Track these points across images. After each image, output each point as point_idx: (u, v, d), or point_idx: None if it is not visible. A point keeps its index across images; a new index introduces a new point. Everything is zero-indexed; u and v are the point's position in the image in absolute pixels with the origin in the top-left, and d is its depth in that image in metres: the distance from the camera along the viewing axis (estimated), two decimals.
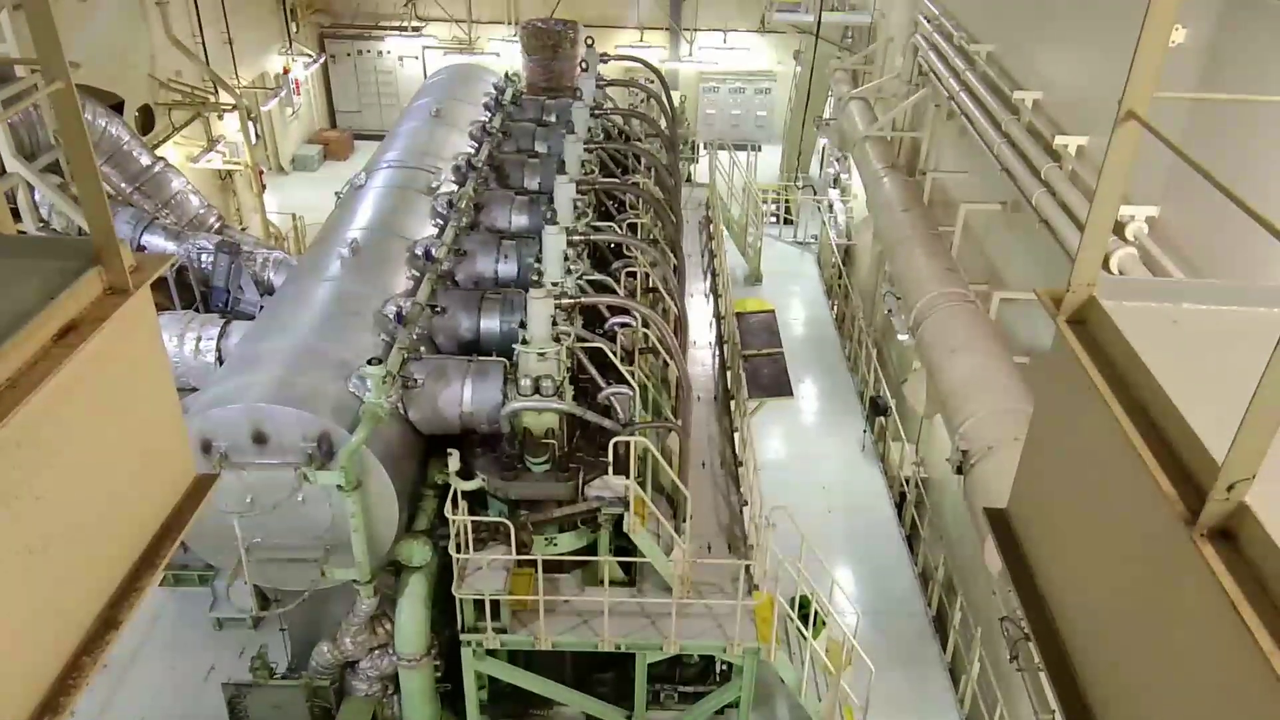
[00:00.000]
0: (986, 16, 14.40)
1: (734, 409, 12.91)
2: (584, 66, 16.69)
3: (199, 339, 10.36)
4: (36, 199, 11.56)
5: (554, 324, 9.70)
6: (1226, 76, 7.63)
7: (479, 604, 9.59)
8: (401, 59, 29.14)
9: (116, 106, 15.21)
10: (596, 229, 12.25)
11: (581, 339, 10.19)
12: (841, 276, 20.15)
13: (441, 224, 12.22)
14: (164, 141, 19.60)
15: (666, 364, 11.66)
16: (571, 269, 10.77)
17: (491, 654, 10.02)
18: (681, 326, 12.67)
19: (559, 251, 10.50)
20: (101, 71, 16.87)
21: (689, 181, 21.12)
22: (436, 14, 28.33)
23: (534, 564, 9.52)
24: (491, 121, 15.69)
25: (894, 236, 13.75)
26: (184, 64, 20.83)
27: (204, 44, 21.92)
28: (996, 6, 14.23)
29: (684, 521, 9.73)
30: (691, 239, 17.77)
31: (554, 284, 10.38)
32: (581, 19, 20.14)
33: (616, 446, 9.30)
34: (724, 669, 11.07)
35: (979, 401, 9.66)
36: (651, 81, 19.46)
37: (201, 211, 13.91)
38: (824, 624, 10.62)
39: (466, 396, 9.61)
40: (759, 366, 13.47)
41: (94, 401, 2.83)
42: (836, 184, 22.31)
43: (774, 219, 24.37)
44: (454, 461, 9.23)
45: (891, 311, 13.56)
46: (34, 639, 2.72)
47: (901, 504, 14.66)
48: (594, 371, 10.15)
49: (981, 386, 9.87)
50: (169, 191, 13.61)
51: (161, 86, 20.13)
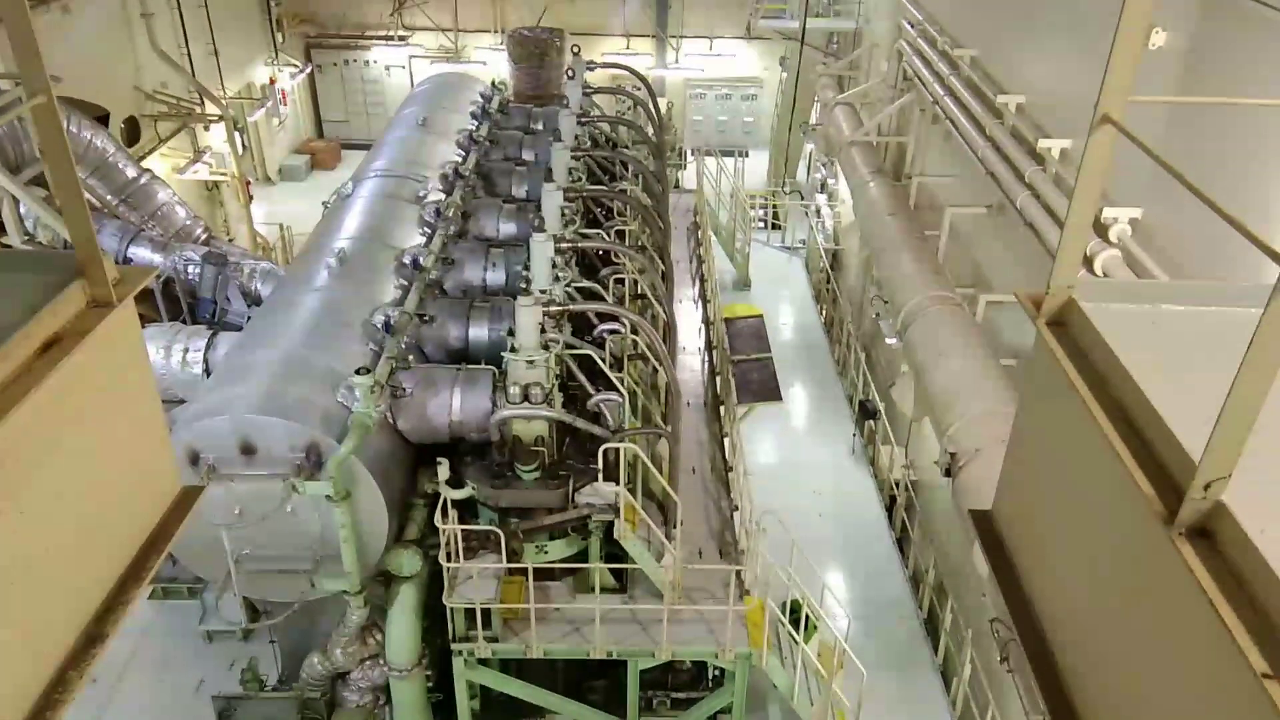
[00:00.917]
0: (970, 21, 14.50)
1: (723, 414, 12.93)
2: (570, 74, 16.74)
3: (186, 350, 10.32)
4: (22, 212, 11.51)
5: (542, 331, 9.71)
6: (1206, 79, 7.70)
7: (470, 613, 9.56)
8: (388, 68, 29.14)
9: (102, 119, 15.17)
10: (584, 236, 12.28)
11: (570, 346, 10.20)
12: (829, 281, 20.22)
13: (429, 233, 12.22)
14: (150, 153, 19.55)
15: (656, 370, 11.67)
16: (559, 276, 10.78)
17: (483, 663, 10.00)
18: (670, 332, 12.70)
19: (547, 259, 10.52)
20: (87, 83, 16.82)
21: (677, 188, 21.18)
22: (423, 23, 28.36)
23: (525, 572, 9.50)
24: (479, 130, 15.71)
25: (881, 241, 13.81)
26: (170, 75, 20.79)
27: (190, 55, 21.88)
28: (979, 11, 14.34)
29: (674, 527, 9.73)
30: (680, 245, 17.81)
31: (542, 291, 10.39)
32: (568, 27, 20.21)
33: (606, 453, 9.31)
34: (716, 675, 11.07)
35: (966, 404, 9.71)
36: (638, 89, 19.52)
37: (188, 223, 13.87)
38: (815, 628, 10.64)
39: (455, 405, 9.60)
40: (748, 371, 13.49)
41: (78, 415, 2.82)
42: (823, 189, 22.39)
43: (762, 224, 24.44)
44: (443, 470, 9.21)
45: (879, 315, 13.62)
46: (19, 653, 2.71)
47: (891, 507, 14.70)
48: (583, 379, 10.16)
49: (969, 389, 9.92)
50: (155, 203, 13.57)
51: (147, 98, 20.09)
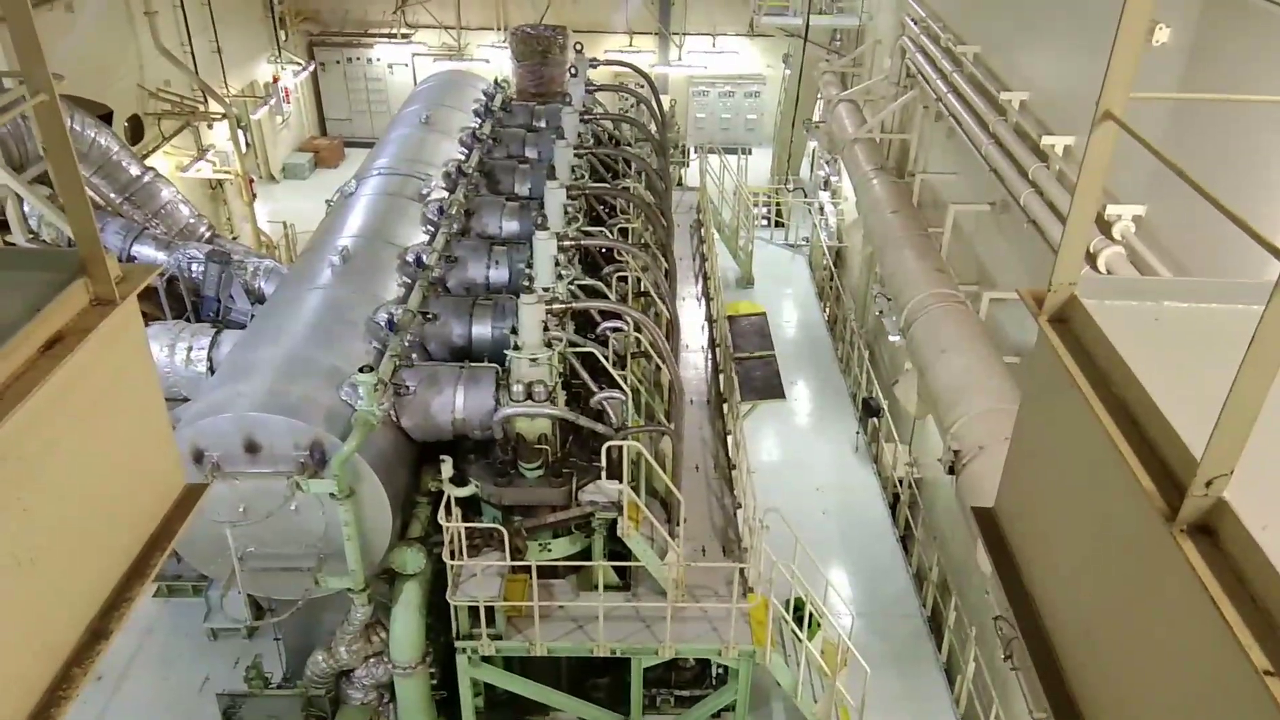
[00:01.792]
0: (973, 18, 14.47)
1: (726, 412, 12.92)
2: (573, 72, 16.73)
3: (190, 349, 10.33)
4: (26, 210, 11.53)
5: (545, 329, 9.71)
6: (1209, 76, 7.67)
7: (473, 611, 9.57)
8: (391, 66, 29.14)
9: (105, 117, 15.19)
10: (587, 234, 12.27)
11: (573, 344, 10.21)
12: (833, 279, 20.20)
13: (432, 230, 12.23)
14: (153, 151, 19.58)
15: (659, 368, 11.67)
16: (562, 274, 10.79)
17: (487, 660, 10.01)
18: (673, 330, 12.70)
19: (550, 257, 10.52)
20: (90, 82, 16.86)
21: (680, 185, 21.16)
22: (426, 21, 28.35)
23: (528, 570, 9.51)
24: (482, 128, 15.71)
25: (884, 238, 13.79)
26: (173, 73, 20.82)
27: (193, 53, 21.90)
28: (982, 8, 14.31)
29: (678, 525, 9.73)
30: (683, 243, 17.79)
31: (545, 289, 10.39)
32: (571, 24, 20.19)
33: (609, 451, 9.31)
34: (720, 672, 11.07)
35: (969, 402, 9.69)
36: (641, 86, 19.51)
37: (192, 221, 13.89)
38: (819, 626, 10.64)
39: (459, 403, 9.61)
40: (751, 369, 13.49)
41: (81, 413, 2.83)
42: (827, 186, 22.38)
43: (765, 222, 24.42)
44: (447, 468, 9.22)
45: (882, 313, 13.60)
46: (23, 650, 2.72)
47: (895, 505, 14.69)
48: (586, 376, 10.16)
49: (972, 387, 9.91)
50: (159, 201, 13.59)
51: (150, 96, 20.12)
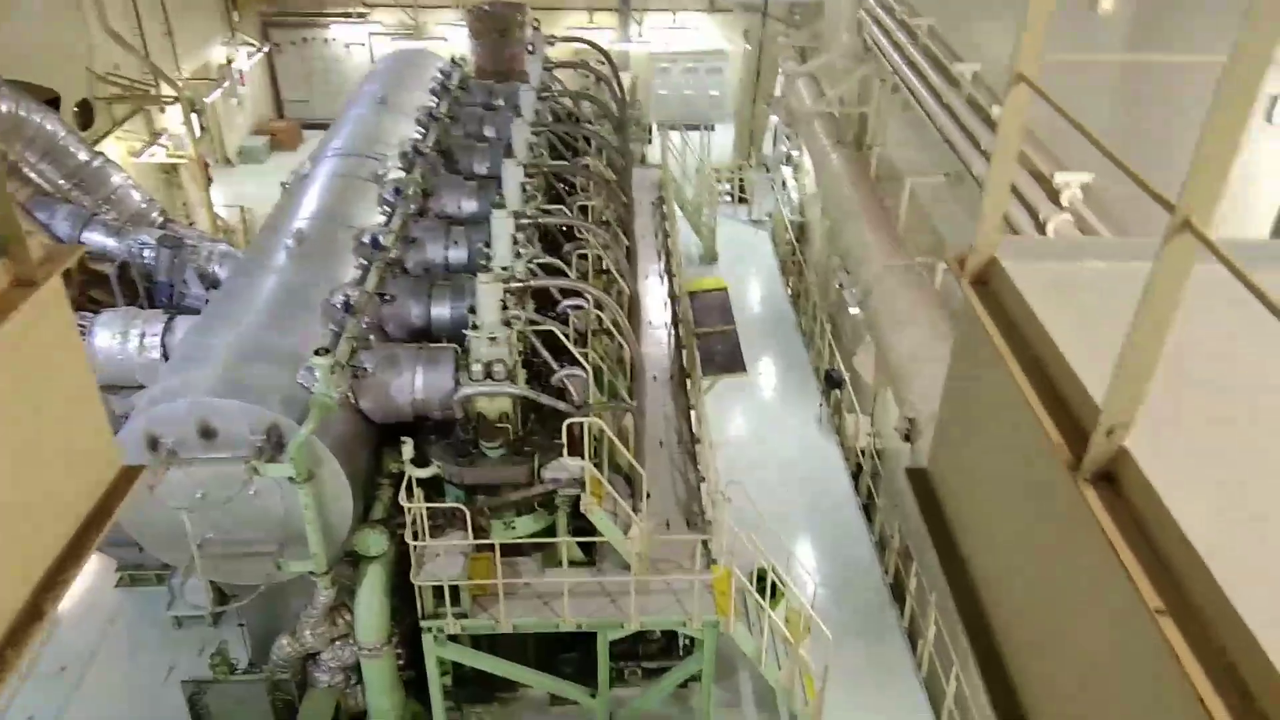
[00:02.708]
0: None
1: (690, 387, 12.99)
2: (531, 49, 16.60)
3: (143, 335, 10.20)
4: None
5: (504, 308, 9.69)
6: (1153, 42, 7.78)
7: (439, 590, 9.59)
8: (348, 46, 28.70)
9: (52, 102, 14.88)
10: (546, 212, 12.23)
11: (533, 322, 10.19)
12: (795, 253, 20.28)
13: (389, 211, 12.11)
14: (105, 137, 19.18)
15: (621, 345, 11.69)
16: (521, 252, 10.75)
17: (454, 639, 10.04)
18: (634, 307, 12.73)
19: (508, 235, 10.47)
20: (36, 65, 16.46)
21: (642, 163, 21.11)
22: None
23: (492, 548, 9.53)
24: (439, 107, 15.55)
25: (842, 211, 13.88)
26: (123, 57, 20.36)
27: (143, 36, 21.43)
28: None
29: (641, 500, 9.79)
30: (645, 220, 17.77)
31: (504, 268, 10.36)
32: (529, 2, 19.96)
33: (571, 428, 9.33)
34: (687, 644, 11.19)
35: (925, 371, 9.82)
36: (601, 63, 19.40)
37: (143, 206, 13.65)
38: (783, 596, 10.77)
39: (418, 384, 9.58)
40: (712, 344, 13.55)
41: (3, 393, 2.80)
42: (788, 161, 22.43)
43: (728, 198, 24.44)
44: (408, 449, 9.20)
45: (842, 286, 13.70)
46: None
47: (858, 475, 14.87)
48: (546, 355, 10.16)
49: (927, 356, 10.03)
50: (109, 187, 13.34)
51: (100, 80, 19.68)
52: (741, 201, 24.45)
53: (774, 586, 10.36)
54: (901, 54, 13.71)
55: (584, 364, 9.97)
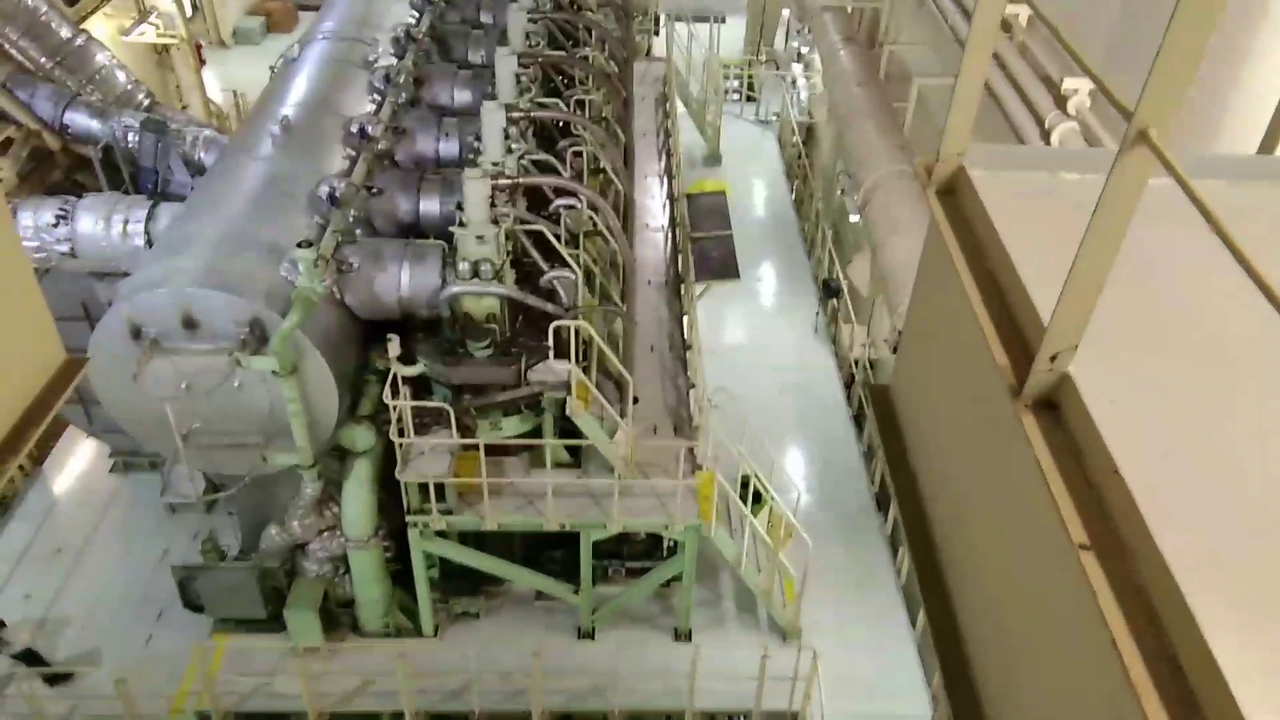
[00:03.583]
0: None
1: (684, 292, 12.83)
2: None
3: (126, 221, 10.02)
4: None
5: (493, 205, 9.47)
6: None
7: (424, 487, 9.68)
8: None
9: None
10: (541, 105, 11.85)
11: (523, 221, 9.98)
12: (801, 156, 19.80)
13: (379, 100, 11.75)
14: (92, 14, 18.53)
15: (615, 248, 11.49)
16: (513, 148, 10.46)
17: (441, 535, 10.19)
18: (629, 208, 12.47)
19: (499, 129, 10.18)
20: None
21: (647, 56, 20.42)
22: None
23: (479, 448, 9.56)
24: None
25: (847, 111, 13.45)
26: None
27: None
28: None
29: (628, 405, 9.77)
30: (647, 117, 17.29)
31: (494, 164, 10.09)
32: None
33: (559, 331, 9.24)
34: (671, 545, 11.35)
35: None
36: None
37: (129, 88, 13.27)
38: (766, 501, 10.87)
39: (404, 281, 9.44)
40: (708, 249, 13.33)
41: None
42: (799, 59, 21.69)
43: (736, 96, 23.73)
44: (394, 347, 9.12)
45: (844, 191, 13.39)
46: None
47: (851, 384, 14.84)
48: (536, 255, 9.98)
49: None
50: (93, 66, 12.94)
51: None
52: (749, 100, 23.75)
53: (758, 493, 10.44)
54: None
55: (574, 266, 9.80)
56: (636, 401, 10.24)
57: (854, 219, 12.71)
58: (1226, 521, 1.85)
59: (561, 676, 10.25)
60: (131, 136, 11.20)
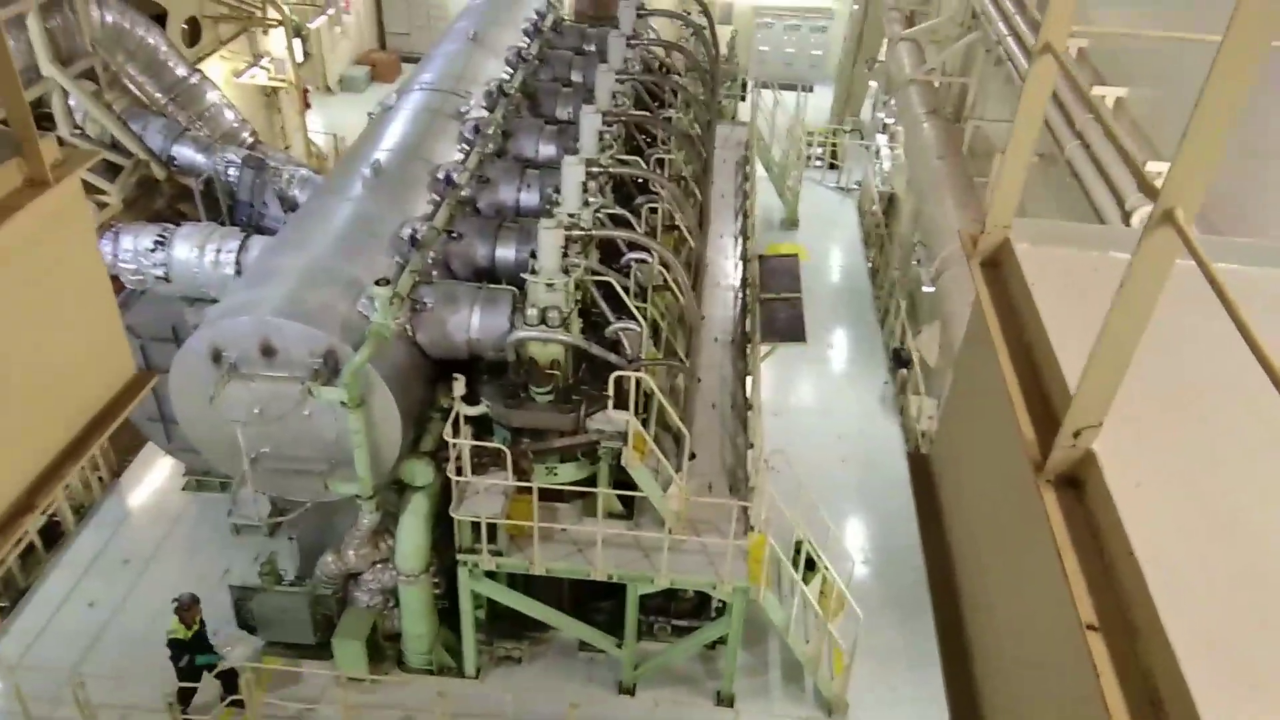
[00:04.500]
0: None
1: (749, 352, 12.83)
2: None
3: (219, 251, 10.52)
4: (71, 105, 11.75)
5: (565, 255, 9.68)
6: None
7: (476, 526, 9.78)
8: None
9: (159, 17, 15.30)
10: (621, 162, 12.12)
11: (594, 272, 10.16)
12: (880, 225, 19.74)
13: (467, 149, 12.18)
14: (209, 55, 19.70)
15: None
16: (589, 201, 10.70)
17: (490, 576, 10.25)
18: (700, 266, 12.57)
19: (577, 182, 10.44)
20: None
21: (733, 120, 20.73)
22: None
23: (532, 491, 9.64)
24: (529, 48, 15.50)
25: (927, 183, 13.41)
26: None
27: None
28: None
29: (684, 460, 9.76)
30: (727, 179, 17.51)
31: (570, 215, 10.34)
32: None
33: (619, 381, 9.32)
34: (719, 606, 11.18)
35: None
36: (699, 14, 19.03)
37: (235, 126, 14.03)
38: (819, 569, 10.66)
39: (474, 323, 9.67)
40: (776, 310, 13.32)
41: (6, 288, 2.89)
42: (885, 129, 21.74)
43: (819, 163, 23.86)
44: (459, 386, 9.33)
45: (920, 261, 13.29)
46: None
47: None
48: (604, 306, 10.14)
49: None
50: (203, 104, 13.73)
51: None
52: (832, 167, 23.85)
53: (810, 560, 10.26)
54: (1007, 23, 13.07)
55: (640, 319, 9.92)
56: (693, 457, 10.23)
57: (927, 289, 12.59)
58: (1241, 605, 1.79)
59: None
60: (232, 171, 11.80)
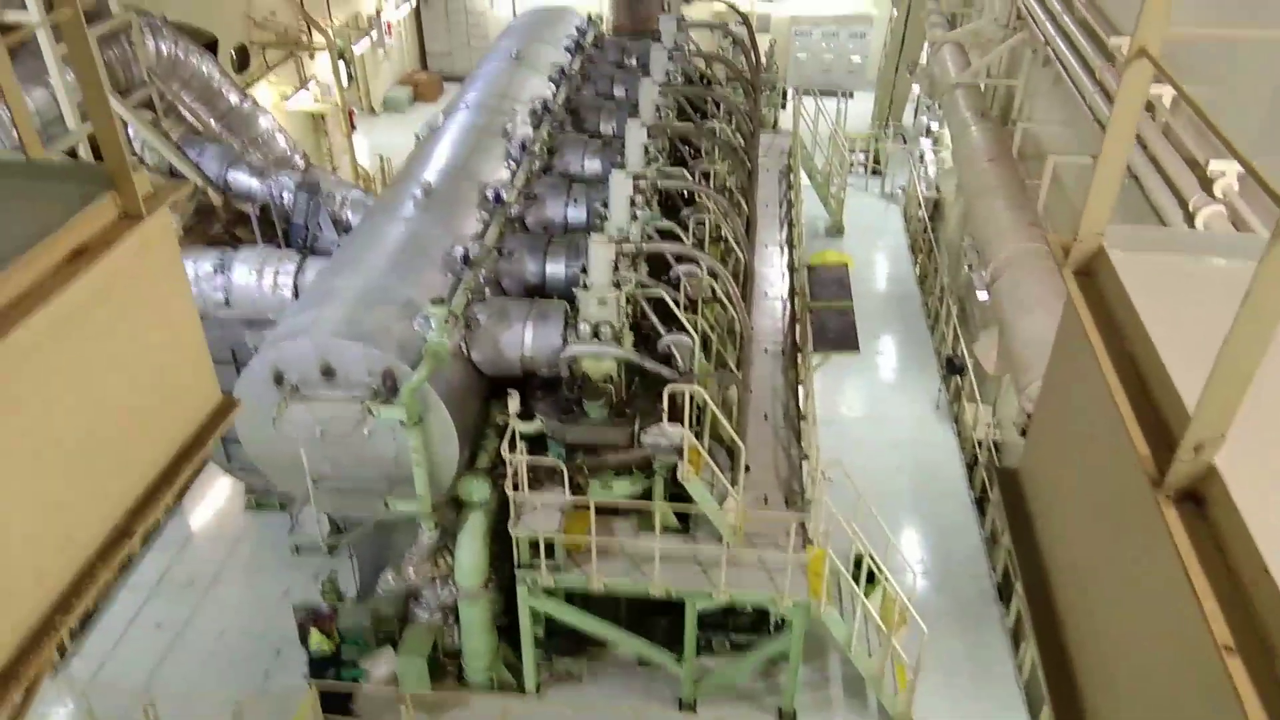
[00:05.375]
0: None
1: (800, 362, 12.74)
2: (666, 7, 16.42)
3: (277, 274, 10.71)
4: (130, 134, 12.04)
5: (615, 270, 9.70)
6: None
7: (534, 542, 9.80)
8: (492, 1, 29.15)
9: (210, 45, 15.63)
10: (667, 175, 12.14)
11: (644, 286, 10.17)
12: (927, 230, 19.54)
13: (514, 167, 12.28)
14: (257, 80, 20.12)
15: (734, 315, 11.54)
16: (637, 215, 10.72)
17: (549, 592, 10.25)
18: (749, 277, 12.53)
19: (625, 197, 10.46)
20: (198, 9, 17.35)
21: (773, 128, 20.68)
22: None
23: (589, 507, 9.65)
24: (571, 65, 15.62)
25: (977, 188, 13.22)
26: (279, 4, 21.25)
27: None
28: None
29: (739, 473, 9.71)
30: (771, 188, 17.45)
31: (619, 230, 10.37)
32: None
33: (673, 395, 9.30)
34: (780, 621, 11.09)
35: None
36: (739, 25, 19.04)
37: (288, 151, 14.27)
38: (880, 582, 10.51)
39: (527, 339, 9.73)
40: (826, 320, 13.22)
41: (105, 321, 2.96)
42: (928, 134, 21.54)
43: (862, 169, 23.70)
44: (514, 403, 9.38)
45: (971, 267, 13.11)
46: (49, 542, 2.90)
47: (974, 466, 14.32)
48: (655, 320, 10.14)
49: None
50: (256, 129, 13.99)
51: (256, 26, 20.60)
52: (875, 173, 23.67)
53: (871, 573, 10.12)
54: (1055, 24, 12.87)
55: (691, 331, 9.90)
56: (748, 470, 10.17)
57: (981, 296, 12.40)
58: None
59: None
60: (287, 195, 12.00)
